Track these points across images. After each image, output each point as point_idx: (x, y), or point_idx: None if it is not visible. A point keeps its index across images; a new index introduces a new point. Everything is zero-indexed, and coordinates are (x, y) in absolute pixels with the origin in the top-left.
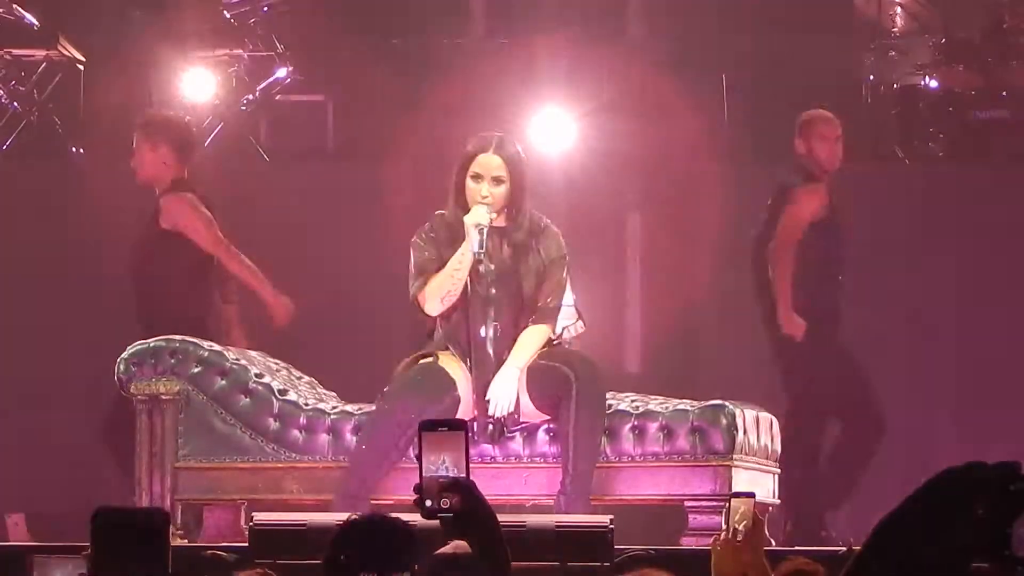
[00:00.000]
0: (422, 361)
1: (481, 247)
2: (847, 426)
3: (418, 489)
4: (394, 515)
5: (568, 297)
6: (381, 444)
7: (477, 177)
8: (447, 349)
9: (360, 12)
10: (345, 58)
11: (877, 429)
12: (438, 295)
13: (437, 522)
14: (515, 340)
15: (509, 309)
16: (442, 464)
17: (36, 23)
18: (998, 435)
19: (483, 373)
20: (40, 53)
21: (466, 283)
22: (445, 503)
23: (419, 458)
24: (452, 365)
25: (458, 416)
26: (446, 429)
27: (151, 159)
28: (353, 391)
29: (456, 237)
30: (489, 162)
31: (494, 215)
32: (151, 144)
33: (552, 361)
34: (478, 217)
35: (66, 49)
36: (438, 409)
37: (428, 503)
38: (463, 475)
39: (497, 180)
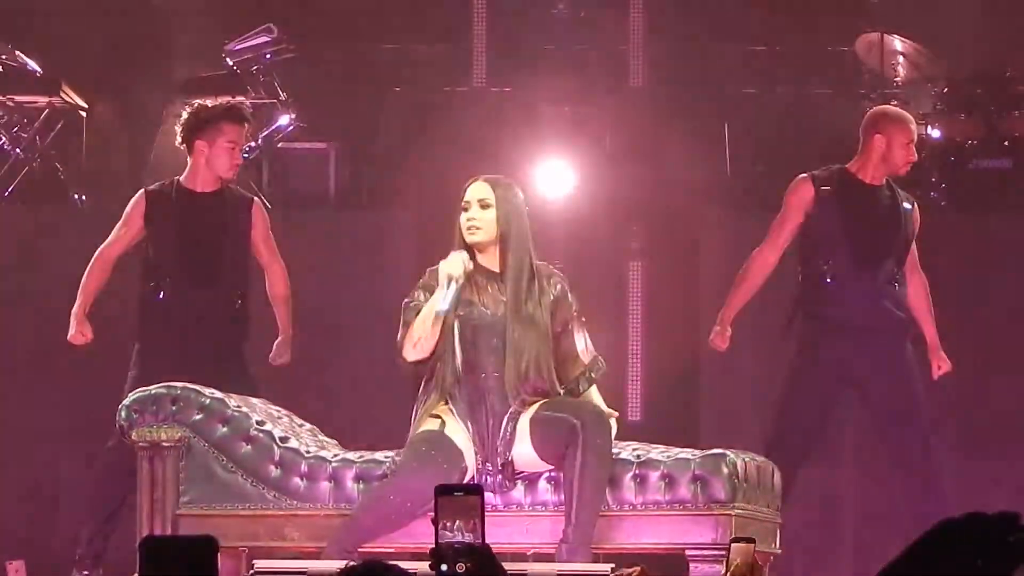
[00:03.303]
0: (428, 427)
1: (447, 304)
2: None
3: (434, 553)
4: (392, 563)
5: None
6: (389, 519)
7: (466, 206)
8: (447, 403)
9: (362, 60)
10: (348, 106)
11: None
12: (410, 341)
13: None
14: (513, 386)
15: (510, 358)
16: (458, 528)
17: (39, 70)
18: (996, 483)
19: (481, 427)
20: (42, 100)
21: (466, 332)
22: (460, 567)
23: (435, 522)
24: (456, 430)
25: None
26: (462, 494)
27: (229, 153)
28: (354, 438)
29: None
30: (475, 189)
31: (470, 265)
32: (236, 135)
33: (558, 411)
34: (451, 267)
35: (68, 96)
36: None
37: (443, 567)
38: (479, 539)
39: (483, 204)
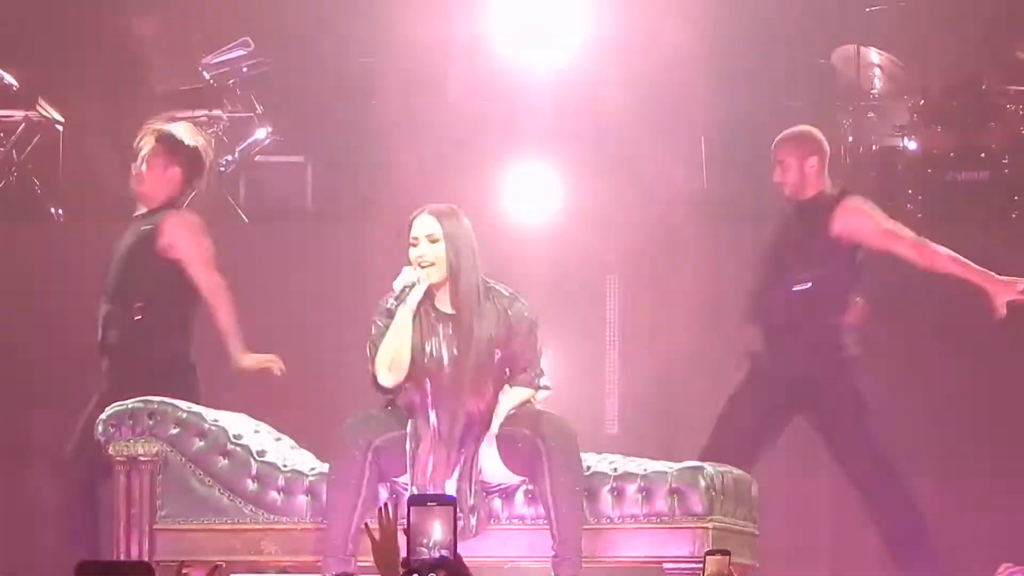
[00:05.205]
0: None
1: (412, 304)
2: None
3: (406, 563)
4: None
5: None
6: (346, 477)
7: (414, 242)
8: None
9: (339, 74)
10: (324, 119)
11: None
12: (385, 363)
13: None
14: (475, 420)
15: (465, 387)
16: (430, 538)
17: (15, 84)
18: (979, 502)
19: (440, 457)
20: (19, 114)
21: (419, 375)
22: None
23: (407, 532)
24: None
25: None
26: (435, 504)
27: (159, 176)
28: (330, 451)
29: None
30: (422, 223)
31: (423, 276)
32: (165, 159)
33: (519, 427)
34: (405, 277)
35: (45, 110)
36: (390, 436)
37: None
38: (451, 549)
39: (431, 239)
